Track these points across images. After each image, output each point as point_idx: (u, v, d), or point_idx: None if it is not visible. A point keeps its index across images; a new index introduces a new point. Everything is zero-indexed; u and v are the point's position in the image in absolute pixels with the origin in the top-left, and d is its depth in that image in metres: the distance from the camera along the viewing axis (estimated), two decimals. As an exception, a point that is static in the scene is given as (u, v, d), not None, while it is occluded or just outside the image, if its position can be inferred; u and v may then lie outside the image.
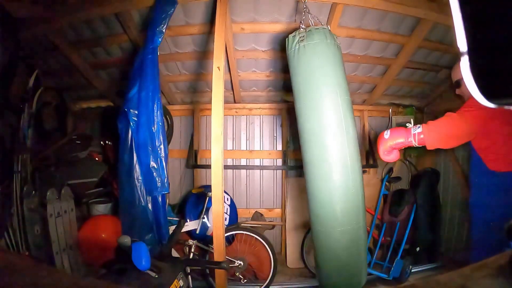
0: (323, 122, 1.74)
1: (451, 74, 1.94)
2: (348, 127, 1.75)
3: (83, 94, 3.40)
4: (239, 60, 2.75)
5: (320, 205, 1.77)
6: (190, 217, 2.72)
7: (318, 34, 1.76)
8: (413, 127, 1.58)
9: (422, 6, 2.14)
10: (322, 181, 1.75)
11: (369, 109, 3.40)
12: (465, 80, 0.31)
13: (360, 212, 1.77)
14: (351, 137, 1.77)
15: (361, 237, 1.80)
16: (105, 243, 2.39)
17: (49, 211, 2.29)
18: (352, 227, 1.73)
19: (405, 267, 2.57)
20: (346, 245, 1.75)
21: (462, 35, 0.30)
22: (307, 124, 1.80)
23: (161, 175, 2.05)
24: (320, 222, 1.79)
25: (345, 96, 1.77)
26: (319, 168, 1.76)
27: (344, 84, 1.79)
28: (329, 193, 1.73)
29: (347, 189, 1.72)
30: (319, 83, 1.75)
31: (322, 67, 1.74)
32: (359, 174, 1.78)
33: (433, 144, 1.56)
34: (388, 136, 1.62)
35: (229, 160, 3.39)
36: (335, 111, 1.74)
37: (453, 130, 1.55)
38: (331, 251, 1.79)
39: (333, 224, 1.73)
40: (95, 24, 2.41)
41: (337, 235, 1.73)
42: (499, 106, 0.32)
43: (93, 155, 3.19)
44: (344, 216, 1.72)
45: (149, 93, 2.04)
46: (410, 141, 1.56)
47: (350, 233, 1.74)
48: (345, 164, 1.72)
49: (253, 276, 2.68)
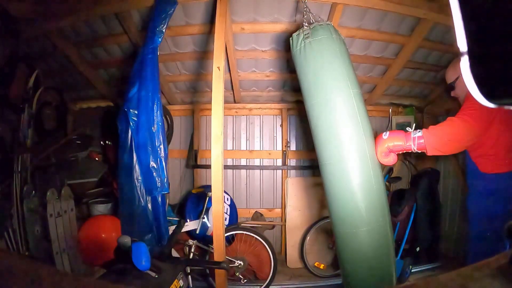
0: (336, 118, 1.66)
1: (445, 76, 1.92)
2: (363, 120, 1.67)
3: (83, 94, 3.40)
4: (239, 60, 2.75)
5: (343, 206, 1.66)
6: (190, 217, 2.72)
7: (323, 29, 1.73)
8: (413, 131, 1.55)
9: (422, 6, 2.14)
10: (343, 180, 1.65)
11: (369, 109, 3.33)
12: (465, 80, 0.31)
13: (385, 208, 1.67)
14: (367, 130, 1.67)
15: (388, 235, 1.68)
16: (105, 243, 2.39)
17: (49, 211, 2.29)
18: (379, 225, 1.62)
19: (405, 267, 2.57)
20: (373, 245, 1.63)
21: (462, 35, 0.30)
22: (320, 121, 1.72)
23: (161, 175, 2.05)
24: (343, 223, 1.68)
25: (356, 89, 1.70)
26: (337, 167, 1.66)
27: (353, 77, 1.73)
28: (351, 192, 1.62)
29: (370, 185, 1.62)
30: (329, 78, 1.68)
31: (330, 62, 1.69)
32: (379, 168, 1.68)
33: (434, 150, 1.52)
34: (386, 137, 1.59)
35: (229, 160, 3.40)
36: (349, 104, 1.65)
37: (455, 134, 1.50)
38: (358, 253, 1.65)
39: (358, 224, 1.62)
40: (95, 24, 2.41)
41: (363, 235, 1.62)
42: (499, 106, 0.32)
43: (93, 155, 3.19)
44: (369, 215, 1.61)
45: (148, 93, 2.04)
46: (409, 145, 1.52)
47: (377, 232, 1.63)
48: (365, 159, 1.62)
49: (253, 276, 2.69)
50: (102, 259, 2.26)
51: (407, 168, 3.41)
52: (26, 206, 2.29)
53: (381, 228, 1.64)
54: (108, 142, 3.23)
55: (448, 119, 1.56)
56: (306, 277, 2.81)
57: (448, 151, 1.59)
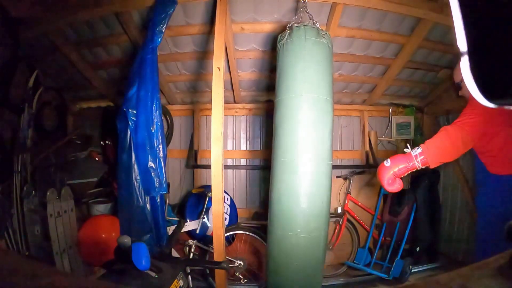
0: (299, 119, 1.70)
1: (453, 76, 1.94)
2: (322, 127, 1.72)
3: (83, 94, 3.40)
4: (239, 60, 2.75)
5: (283, 208, 1.71)
6: (190, 217, 2.72)
7: (301, 31, 1.76)
8: (412, 149, 1.57)
9: (422, 6, 2.14)
10: (288, 182, 1.69)
11: (369, 109, 3.40)
12: (465, 80, 0.31)
13: (327, 219, 1.76)
14: (326, 136, 1.73)
15: (324, 247, 1.76)
16: (105, 243, 2.39)
17: (49, 211, 2.29)
18: (319, 234, 1.70)
19: (405, 267, 2.57)
20: (309, 254, 1.69)
21: (462, 35, 0.30)
22: (279, 121, 1.79)
23: (159, 175, 2.05)
24: (284, 226, 1.71)
25: (323, 96, 1.73)
26: (287, 166, 1.71)
27: (324, 82, 1.75)
28: (296, 195, 1.67)
29: (318, 191, 1.69)
30: (297, 79, 1.73)
31: (299, 63, 1.74)
32: (327, 178, 1.74)
33: (436, 162, 1.55)
34: (389, 164, 1.60)
35: (229, 160, 3.39)
36: (308, 110, 1.70)
37: (451, 143, 1.54)
38: (294, 259, 1.70)
39: (300, 229, 1.67)
40: (95, 24, 2.41)
41: (303, 242, 1.67)
42: (499, 106, 0.32)
43: (93, 155, 3.19)
44: (312, 222, 1.68)
45: (148, 93, 2.03)
46: (412, 164, 1.55)
47: (316, 241, 1.69)
48: (316, 166, 1.69)
49: (253, 276, 2.68)
50: (102, 259, 2.26)
51: (407, 168, 3.41)
52: (26, 206, 2.29)
53: (321, 238, 1.72)
54: (108, 142, 3.23)
55: (442, 129, 1.60)
56: (306, 277, 2.81)
57: (450, 159, 1.62)
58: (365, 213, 3.06)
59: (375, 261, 2.81)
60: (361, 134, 3.39)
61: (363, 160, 3.34)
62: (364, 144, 3.36)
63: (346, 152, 3.37)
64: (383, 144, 3.46)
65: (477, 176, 1.90)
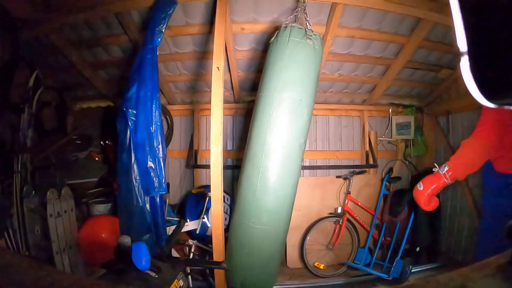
0: (265, 118, 1.78)
1: None
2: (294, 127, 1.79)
3: (83, 94, 3.40)
4: (239, 60, 2.75)
5: (242, 197, 1.83)
6: (190, 217, 2.72)
7: (286, 32, 1.80)
8: (439, 168, 1.69)
9: (422, 6, 2.14)
10: (251, 175, 1.79)
11: (369, 109, 3.40)
12: (465, 81, 0.31)
13: (281, 216, 1.83)
14: (295, 138, 1.80)
15: (274, 239, 1.84)
16: (105, 243, 2.39)
17: (49, 211, 2.29)
18: (269, 228, 1.79)
19: (405, 267, 2.57)
20: (257, 242, 1.80)
21: (462, 35, 0.30)
22: (252, 118, 1.87)
23: (158, 175, 2.05)
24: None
25: (297, 96, 1.78)
26: (256, 162, 1.79)
27: (302, 82, 1.80)
28: (253, 188, 1.77)
29: (274, 190, 1.77)
30: (273, 78, 1.80)
31: (278, 63, 1.80)
32: (294, 178, 1.83)
33: (464, 175, 1.67)
34: (422, 188, 1.73)
35: (229, 160, 3.39)
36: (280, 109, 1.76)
37: (476, 155, 1.64)
38: (239, 243, 1.84)
39: (249, 218, 1.78)
40: (95, 24, 2.41)
41: (251, 230, 1.78)
42: (499, 106, 0.32)
43: (93, 155, 3.19)
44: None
45: (147, 93, 2.03)
46: (443, 182, 1.67)
47: (264, 232, 1.79)
48: (282, 164, 1.77)
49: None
50: (102, 259, 2.26)
51: (407, 168, 3.41)
52: (26, 206, 2.29)
53: (277, 233, 1.82)
54: (108, 142, 3.23)
55: (463, 143, 1.70)
56: (306, 277, 2.81)
57: (477, 168, 1.73)
58: (365, 213, 3.06)
59: (375, 261, 2.81)
60: (361, 134, 3.39)
61: (363, 160, 3.34)
62: (364, 144, 3.36)
63: (346, 152, 3.37)
64: (383, 144, 3.46)
65: (484, 175, 1.94)
